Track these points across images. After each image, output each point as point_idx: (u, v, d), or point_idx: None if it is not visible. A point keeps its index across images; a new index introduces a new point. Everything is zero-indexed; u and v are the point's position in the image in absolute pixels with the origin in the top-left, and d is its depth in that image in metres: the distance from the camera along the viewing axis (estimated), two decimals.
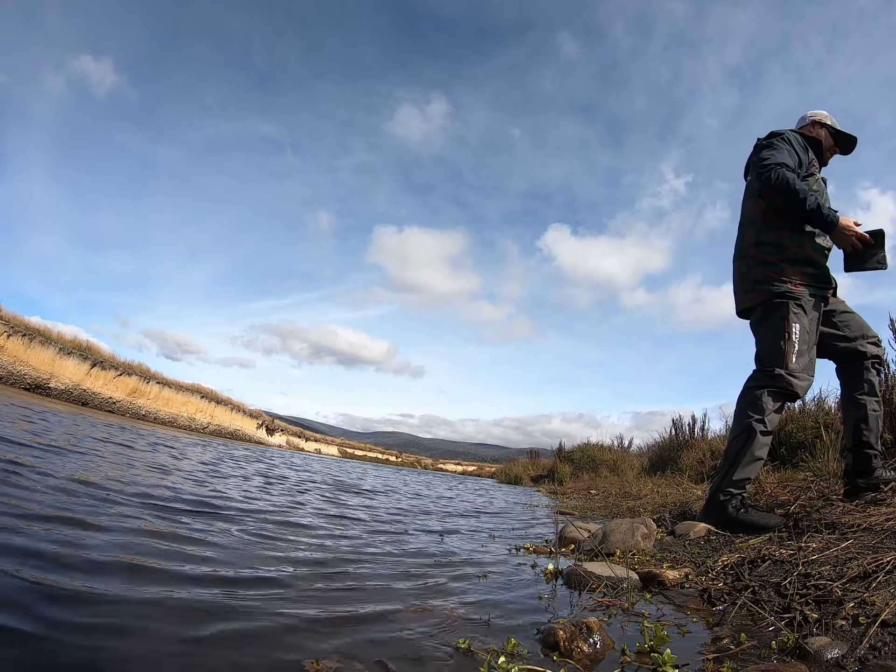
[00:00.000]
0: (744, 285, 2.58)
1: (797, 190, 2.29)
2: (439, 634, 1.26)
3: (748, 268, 2.55)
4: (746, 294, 2.56)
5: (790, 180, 2.31)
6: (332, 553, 2.12)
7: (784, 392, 2.36)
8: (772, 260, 2.45)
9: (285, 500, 3.79)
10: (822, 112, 2.71)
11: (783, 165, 2.36)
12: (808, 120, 2.72)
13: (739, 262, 2.63)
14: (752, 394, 2.41)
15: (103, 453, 4.45)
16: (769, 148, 2.49)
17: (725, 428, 6.98)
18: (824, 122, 2.68)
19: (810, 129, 2.67)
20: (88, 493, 2.37)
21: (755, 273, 2.50)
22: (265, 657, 1.03)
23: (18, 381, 16.77)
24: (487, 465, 38.85)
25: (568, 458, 14.27)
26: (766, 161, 2.41)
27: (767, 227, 2.50)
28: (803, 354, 2.35)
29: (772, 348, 2.40)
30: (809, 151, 2.56)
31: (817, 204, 2.28)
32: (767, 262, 2.47)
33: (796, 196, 2.29)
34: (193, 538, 1.95)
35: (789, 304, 2.36)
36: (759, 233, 2.53)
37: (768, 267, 2.45)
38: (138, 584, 1.33)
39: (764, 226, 2.52)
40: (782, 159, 2.39)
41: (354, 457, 35.55)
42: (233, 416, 26.12)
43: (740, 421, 2.42)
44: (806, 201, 2.28)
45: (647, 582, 1.80)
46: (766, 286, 2.44)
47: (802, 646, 1.13)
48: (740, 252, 2.64)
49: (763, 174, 2.39)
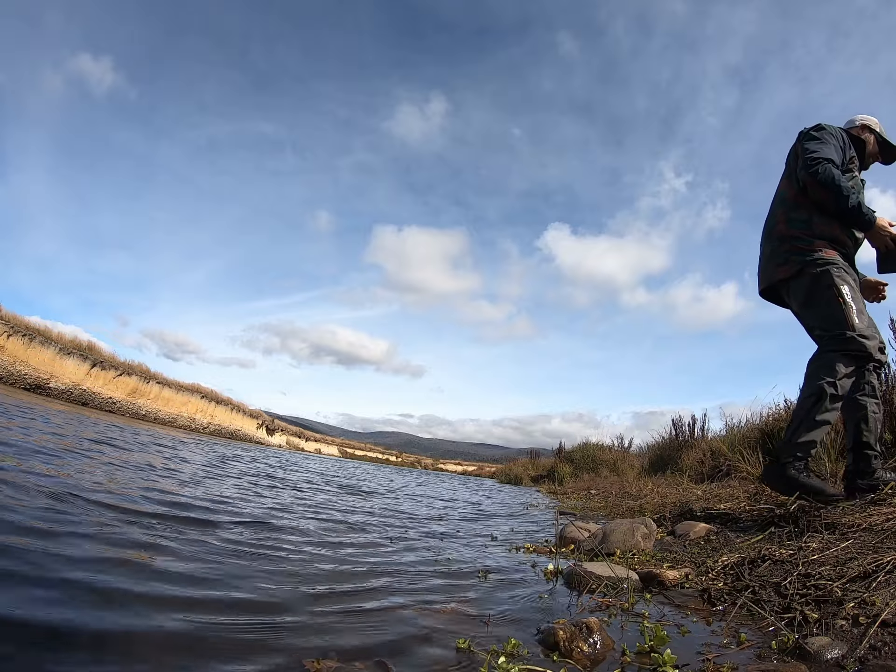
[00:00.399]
0: (775, 259, 2.59)
1: (842, 187, 2.33)
2: (439, 634, 1.26)
3: (779, 242, 2.58)
4: (779, 267, 2.56)
5: (836, 177, 2.35)
6: (333, 552, 2.12)
7: (856, 355, 2.31)
8: (800, 234, 2.49)
9: (288, 500, 3.79)
10: (872, 118, 2.75)
11: (830, 161, 2.39)
12: (858, 123, 2.74)
13: (771, 239, 2.65)
14: (825, 356, 2.37)
15: (87, 455, 4.44)
16: (817, 140, 2.51)
17: (725, 428, 6.98)
18: (873, 128, 2.71)
19: (859, 132, 2.70)
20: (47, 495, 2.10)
21: (786, 247, 2.53)
22: (264, 655, 1.03)
23: (18, 381, 16.77)
24: (488, 466, 38.86)
25: (568, 458, 14.27)
26: (815, 155, 2.43)
27: (798, 207, 2.55)
28: (863, 312, 2.35)
29: (832, 317, 2.36)
30: (851, 149, 2.59)
31: (858, 202, 2.33)
32: (796, 236, 2.51)
33: (840, 193, 2.34)
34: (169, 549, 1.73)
35: (830, 269, 2.37)
36: (788, 211, 2.58)
37: (797, 241, 2.49)
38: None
39: (795, 205, 2.57)
40: (829, 154, 2.42)
41: (354, 457, 35.56)
42: (233, 416, 26.13)
43: (811, 383, 2.38)
44: (849, 199, 2.33)
45: (648, 582, 1.80)
46: (799, 256, 2.46)
47: (802, 646, 1.13)
48: (770, 228, 2.68)
49: (811, 167, 2.41)
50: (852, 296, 2.33)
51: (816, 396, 2.31)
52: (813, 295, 2.44)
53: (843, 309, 2.31)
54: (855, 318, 2.29)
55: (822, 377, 2.32)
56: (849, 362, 2.31)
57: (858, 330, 2.28)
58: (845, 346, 2.30)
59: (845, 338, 2.30)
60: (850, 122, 2.79)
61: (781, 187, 2.72)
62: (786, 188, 2.67)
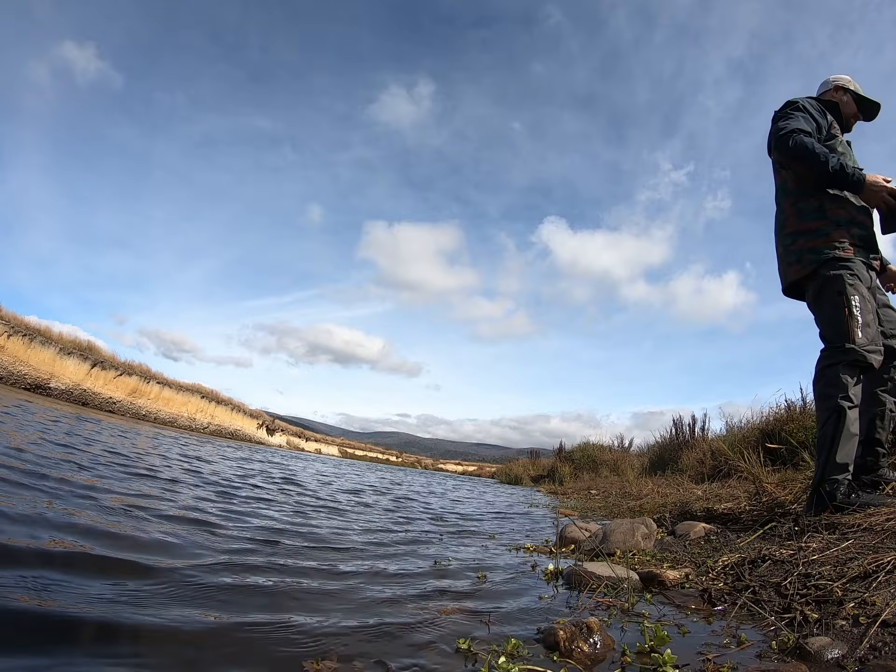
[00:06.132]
0: (788, 258, 2.47)
1: (817, 153, 2.24)
2: (439, 635, 1.26)
3: (793, 239, 2.45)
4: (791, 266, 2.45)
5: (808, 144, 2.26)
6: (333, 552, 2.12)
7: (858, 364, 2.25)
8: (815, 226, 2.36)
9: (291, 503, 3.79)
10: (844, 77, 2.68)
11: (799, 131, 2.32)
12: (832, 85, 2.67)
13: (782, 236, 2.53)
14: (828, 373, 2.29)
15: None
16: (784, 118, 2.44)
17: (726, 428, 6.98)
18: (847, 87, 2.64)
19: (833, 94, 2.63)
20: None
21: (801, 243, 2.40)
22: (264, 655, 1.03)
23: (19, 381, 16.77)
24: (487, 465, 38.85)
25: (568, 458, 14.26)
26: (783, 130, 2.36)
27: (805, 194, 2.43)
28: (868, 326, 2.26)
29: (836, 326, 2.29)
30: (828, 115, 2.51)
31: (840, 164, 2.23)
32: (811, 229, 2.37)
33: (817, 159, 2.24)
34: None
35: (843, 275, 2.26)
36: (797, 200, 2.46)
37: (813, 235, 2.36)
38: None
39: (801, 193, 2.44)
40: (797, 125, 2.35)
41: (355, 457, 35.55)
42: (233, 417, 26.12)
43: (824, 404, 2.29)
44: (828, 163, 2.22)
45: (648, 582, 1.80)
46: (814, 255, 2.34)
47: (803, 646, 1.13)
48: (780, 225, 2.56)
49: (780, 143, 2.35)
50: (861, 307, 2.24)
51: (836, 415, 2.22)
52: (822, 296, 2.36)
53: (849, 320, 2.24)
54: (858, 332, 2.23)
55: (833, 395, 2.24)
56: (853, 372, 2.25)
57: (860, 344, 2.22)
58: (845, 358, 2.25)
59: (845, 349, 2.25)
60: (824, 85, 2.72)
61: (779, 178, 2.60)
62: (785, 177, 2.54)
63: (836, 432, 2.21)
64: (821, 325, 2.41)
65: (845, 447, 2.20)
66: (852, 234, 2.32)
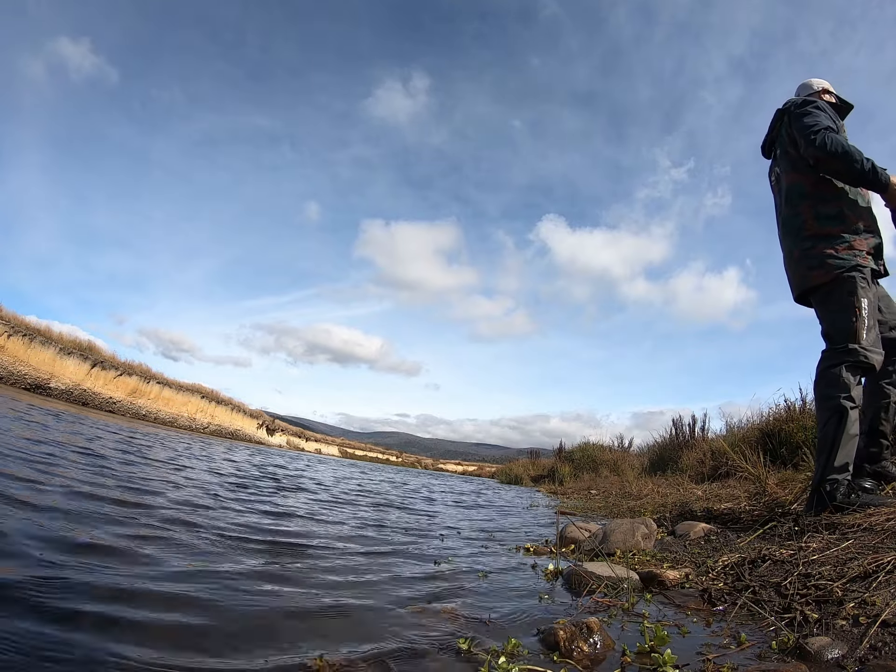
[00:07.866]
0: (808, 262, 2.42)
1: (852, 152, 2.24)
2: (439, 634, 1.26)
3: (812, 243, 2.41)
4: (812, 271, 2.40)
5: (844, 143, 2.26)
6: (335, 551, 2.12)
7: (861, 365, 2.26)
8: (835, 232, 2.35)
9: (290, 502, 3.79)
10: (825, 81, 2.70)
11: (830, 129, 2.31)
12: (819, 87, 2.67)
13: (797, 239, 2.49)
14: (830, 373, 2.30)
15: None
16: (809, 115, 2.41)
17: (726, 427, 6.98)
18: (830, 89, 2.65)
19: (821, 96, 2.61)
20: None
21: (821, 248, 2.37)
22: (265, 653, 1.04)
23: (19, 381, 16.78)
24: (487, 465, 38.86)
25: (568, 458, 14.26)
26: (815, 127, 2.33)
27: (825, 199, 2.41)
28: (872, 329, 2.28)
29: (842, 326, 2.30)
30: (837, 118, 2.51)
31: (872, 164, 2.24)
32: (831, 234, 2.36)
33: (853, 158, 2.24)
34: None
35: (856, 278, 2.28)
36: (816, 205, 2.42)
37: (834, 240, 2.35)
38: None
39: (820, 198, 2.42)
40: (827, 123, 2.34)
41: (355, 457, 35.56)
42: (233, 417, 26.13)
43: (826, 404, 2.30)
44: (863, 163, 2.23)
45: (648, 582, 1.80)
46: (837, 261, 2.32)
47: (803, 646, 1.13)
48: (797, 227, 2.49)
49: (816, 140, 2.31)
50: (868, 311, 2.26)
51: (838, 416, 2.23)
52: (831, 297, 2.35)
53: (856, 321, 2.25)
54: (863, 334, 2.24)
55: (835, 395, 2.24)
56: (855, 372, 2.26)
57: (863, 345, 2.23)
58: (848, 358, 2.26)
59: (848, 350, 2.26)
60: (806, 87, 2.72)
61: (793, 180, 2.53)
62: (801, 179, 2.48)
63: (838, 433, 2.21)
64: (825, 323, 2.41)
65: (846, 448, 2.20)
66: (869, 242, 2.35)
